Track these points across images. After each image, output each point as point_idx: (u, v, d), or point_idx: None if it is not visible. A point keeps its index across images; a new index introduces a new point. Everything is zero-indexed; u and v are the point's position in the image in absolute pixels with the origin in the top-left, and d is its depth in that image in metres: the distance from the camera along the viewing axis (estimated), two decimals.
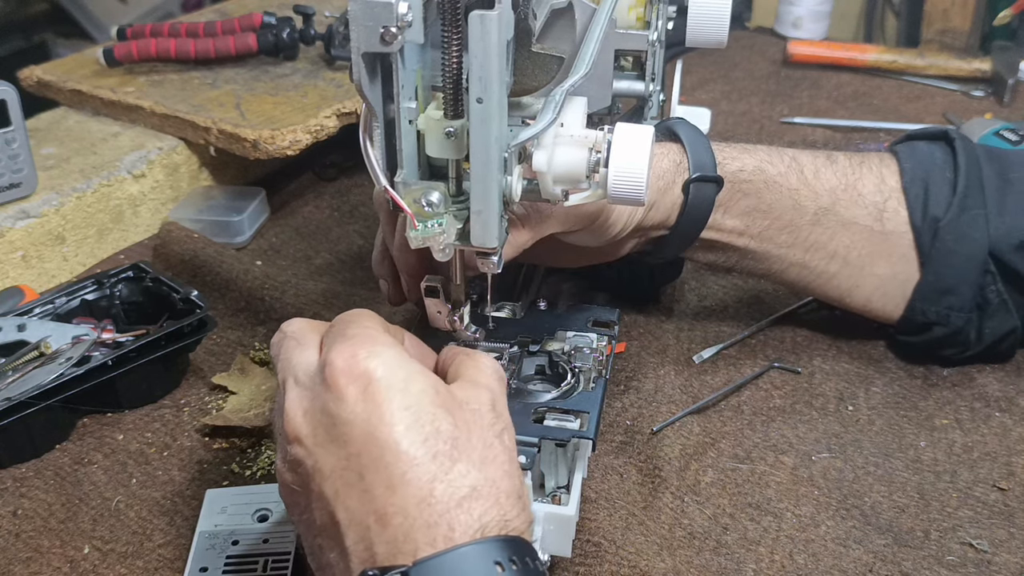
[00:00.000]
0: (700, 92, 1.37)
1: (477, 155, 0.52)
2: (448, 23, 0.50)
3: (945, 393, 0.79)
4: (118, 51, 1.11)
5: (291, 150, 0.99)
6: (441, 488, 0.48)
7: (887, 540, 0.66)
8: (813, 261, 0.78)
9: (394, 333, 0.58)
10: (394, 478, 0.48)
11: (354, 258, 0.99)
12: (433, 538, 0.47)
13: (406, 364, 0.51)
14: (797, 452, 0.73)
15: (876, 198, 0.77)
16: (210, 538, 0.65)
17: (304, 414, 0.51)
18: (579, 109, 0.58)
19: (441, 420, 0.50)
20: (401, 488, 0.48)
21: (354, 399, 0.50)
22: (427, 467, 0.49)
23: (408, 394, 0.50)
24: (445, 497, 0.48)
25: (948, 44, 1.47)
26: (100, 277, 0.84)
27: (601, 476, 0.70)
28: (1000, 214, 0.76)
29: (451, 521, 0.48)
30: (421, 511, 0.48)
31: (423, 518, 0.48)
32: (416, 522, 0.48)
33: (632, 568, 0.62)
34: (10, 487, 0.71)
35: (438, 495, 0.48)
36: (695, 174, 0.72)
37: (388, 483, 0.48)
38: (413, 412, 0.50)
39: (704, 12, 0.76)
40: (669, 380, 0.80)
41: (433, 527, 0.48)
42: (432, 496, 0.48)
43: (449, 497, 0.48)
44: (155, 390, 0.79)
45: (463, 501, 0.48)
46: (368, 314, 0.56)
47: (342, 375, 0.50)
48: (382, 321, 0.56)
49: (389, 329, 0.56)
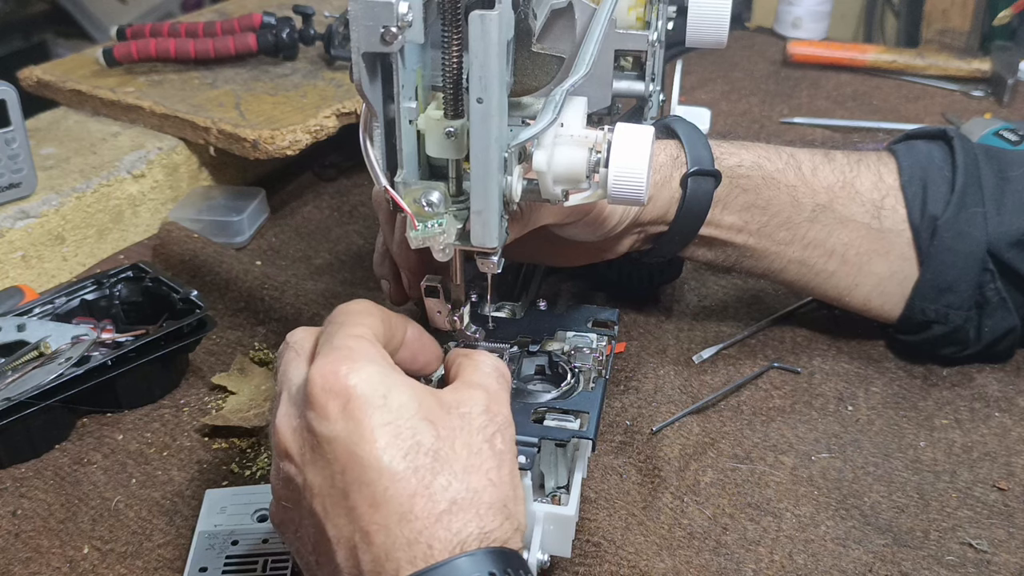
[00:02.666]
0: (700, 92, 1.37)
1: (477, 155, 0.52)
2: (448, 23, 0.50)
3: (945, 393, 0.80)
4: (118, 51, 1.11)
5: (291, 150, 0.99)
6: (421, 503, 0.49)
7: (887, 540, 0.66)
8: (812, 259, 0.78)
9: (396, 323, 0.57)
10: (377, 495, 0.49)
11: (354, 258, 0.99)
12: (413, 556, 0.48)
13: (387, 378, 0.51)
14: (797, 452, 0.74)
15: (874, 195, 0.77)
16: (209, 538, 0.65)
17: (292, 431, 0.52)
18: (579, 109, 0.58)
19: (422, 433, 0.50)
20: (384, 505, 0.49)
21: (335, 417, 0.50)
22: (408, 482, 0.49)
23: (388, 410, 0.50)
24: (424, 513, 0.49)
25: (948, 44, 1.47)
26: (100, 277, 0.84)
27: (601, 476, 0.70)
28: (998, 212, 0.76)
29: (430, 538, 0.48)
30: (402, 528, 0.48)
31: (404, 535, 0.48)
32: (397, 540, 0.48)
33: (632, 568, 0.62)
34: (10, 487, 0.71)
35: (418, 511, 0.49)
36: (693, 168, 0.72)
37: (371, 500, 0.49)
38: (393, 428, 0.50)
39: (704, 12, 0.76)
40: (669, 380, 0.80)
41: (413, 544, 0.48)
42: (412, 512, 0.48)
43: (429, 512, 0.49)
44: (155, 390, 0.79)
45: (442, 516, 0.49)
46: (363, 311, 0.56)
47: (322, 392, 0.50)
48: (380, 313, 0.56)
49: (387, 322, 0.56)
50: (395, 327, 0.58)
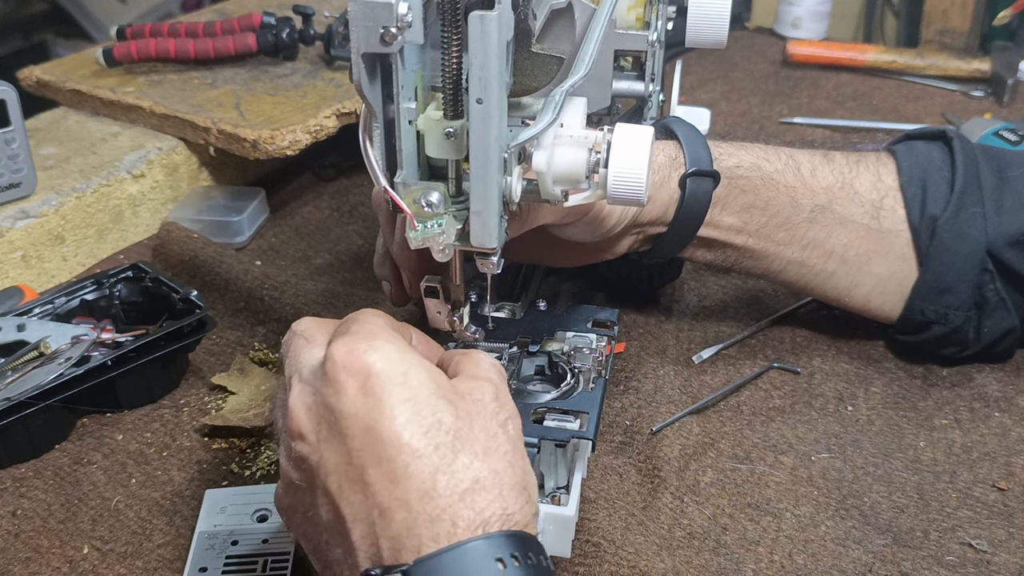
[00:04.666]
0: (700, 92, 1.37)
1: (477, 155, 0.52)
2: (448, 23, 0.50)
3: (944, 393, 0.80)
4: (117, 51, 1.11)
5: (290, 150, 0.99)
6: (444, 480, 0.48)
7: (886, 540, 0.66)
8: (811, 259, 0.78)
9: (401, 330, 0.58)
10: (396, 471, 0.48)
11: (353, 258, 0.99)
12: (436, 533, 0.47)
13: (406, 357, 0.51)
14: (796, 452, 0.74)
15: (873, 196, 0.77)
16: (209, 538, 0.65)
17: (307, 410, 0.51)
18: (579, 109, 0.58)
19: (442, 412, 0.50)
20: (404, 481, 0.48)
21: (354, 393, 0.49)
22: (430, 459, 0.48)
23: (408, 387, 0.50)
24: (448, 490, 0.48)
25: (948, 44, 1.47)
26: (100, 277, 0.84)
27: (601, 476, 0.70)
28: (998, 213, 0.76)
29: (454, 516, 0.48)
30: (424, 505, 0.48)
31: (426, 512, 0.48)
32: (419, 516, 0.47)
33: (631, 568, 0.63)
34: (9, 487, 0.71)
35: (441, 488, 0.48)
36: (691, 169, 0.72)
37: (391, 476, 0.48)
38: (413, 404, 0.49)
39: (704, 12, 0.77)
40: (669, 380, 0.80)
41: (436, 521, 0.47)
42: (435, 489, 0.48)
43: (452, 490, 0.48)
44: (154, 390, 0.79)
45: (465, 494, 0.48)
46: (375, 312, 0.56)
47: (342, 369, 0.50)
48: (389, 318, 0.56)
49: (396, 326, 0.56)
50: (403, 332, 0.58)
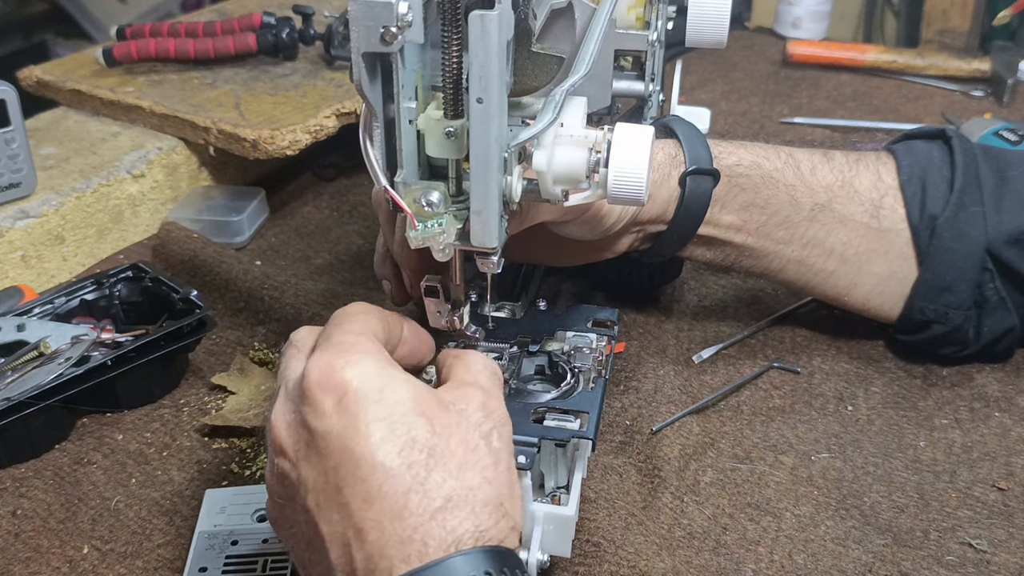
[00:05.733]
0: (700, 92, 1.37)
1: (477, 155, 0.52)
2: (448, 23, 0.50)
3: (944, 393, 0.80)
4: (117, 51, 1.11)
5: (290, 150, 0.99)
6: (416, 500, 0.48)
7: (886, 540, 0.66)
8: (811, 258, 0.78)
9: (392, 321, 0.57)
10: (371, 491, 0.48)
11: (353, 258, 0.99)
12: (407, 555, 0.47)
13: (383, 372, 0.51)
14: (796, 452, 0.74)
15: (872, 195, 0.77)
16: (209, 538, 0.65)
17: (287, 426, 0.52)
18: (579, 109, 0.58)
19: (417, 428, 0.50)
20: (378, 501, 0.48)
21: (330, 411, 0.49)
22: (403, 478, 0.48)
23: (383, 404, 0.50)
24: (420, 509, 0.48)
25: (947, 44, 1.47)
26: (99, 277, 0.84)
27: (601, 476, 0.70)
28: (997, 212, 0.76)
29: (425, 535, 0.48)
30: (395, 525, 0.48)
31: (397, 533, 0.48)
32: (391, 538, 0.48)
33: (631, 568, 0.62)
34: (9, 487, 0.71)
35: (413, 507, 0.48)
36: (691, 167, 0.72)
37: (365, 496, 0.48)
38: (388, 423, 0.49)
39: (704, 12, 0.77)
40: (669, 380, 0.80)
41: (407, 543, 0.48)
42: (407, 509, 0.48)
43: (424, 509, 0.48)
44: (154, 390, 0.79)
45: (437, 513, 0.48)
46: (362, 308, 0.56)
47: (317, 387, 0.50)
48: (378, 313, 0.56)
49: (384, 318, 0.56)
50: (393, 325, 0.58)
